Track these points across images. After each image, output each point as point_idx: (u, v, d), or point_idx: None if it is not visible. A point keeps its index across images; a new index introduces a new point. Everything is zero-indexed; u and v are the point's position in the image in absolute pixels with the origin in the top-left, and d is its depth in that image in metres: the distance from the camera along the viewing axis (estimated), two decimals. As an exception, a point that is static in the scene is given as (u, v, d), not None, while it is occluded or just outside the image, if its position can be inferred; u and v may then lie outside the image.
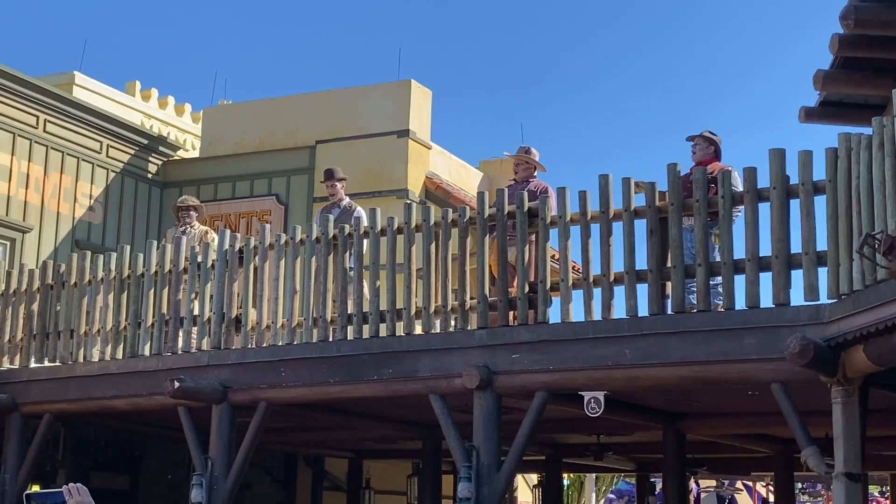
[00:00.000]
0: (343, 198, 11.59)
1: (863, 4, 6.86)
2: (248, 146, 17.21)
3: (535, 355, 8.73)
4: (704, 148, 9.86)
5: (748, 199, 8.13)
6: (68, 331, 11.39)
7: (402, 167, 15.86)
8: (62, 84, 17.01)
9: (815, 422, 8.27)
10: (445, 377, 9.07)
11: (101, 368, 11.01)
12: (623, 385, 8.69)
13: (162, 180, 17.33)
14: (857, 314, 7.13)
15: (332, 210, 11.31)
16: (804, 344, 7.21)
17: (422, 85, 16.55)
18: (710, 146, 9.85)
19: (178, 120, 19.99)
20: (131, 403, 10.98)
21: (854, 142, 7.38)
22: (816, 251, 7.77)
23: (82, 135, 16.13)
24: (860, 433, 7.51)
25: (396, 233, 9.63)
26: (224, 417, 10.16)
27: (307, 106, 16.97)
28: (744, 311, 8.03)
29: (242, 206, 16.71)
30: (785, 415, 7.87)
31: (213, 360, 10.30)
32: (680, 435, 11.62)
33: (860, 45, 7.40)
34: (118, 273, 11.03)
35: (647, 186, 8.50)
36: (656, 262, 8.41)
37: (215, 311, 10.36)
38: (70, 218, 15.88)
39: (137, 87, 19.42)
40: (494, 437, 8.80)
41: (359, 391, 9.66)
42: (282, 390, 9.96)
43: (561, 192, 8.95)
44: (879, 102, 8.03)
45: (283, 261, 10.10)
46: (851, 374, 7.47)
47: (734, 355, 7.95)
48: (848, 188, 7.42)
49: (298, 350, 9.89)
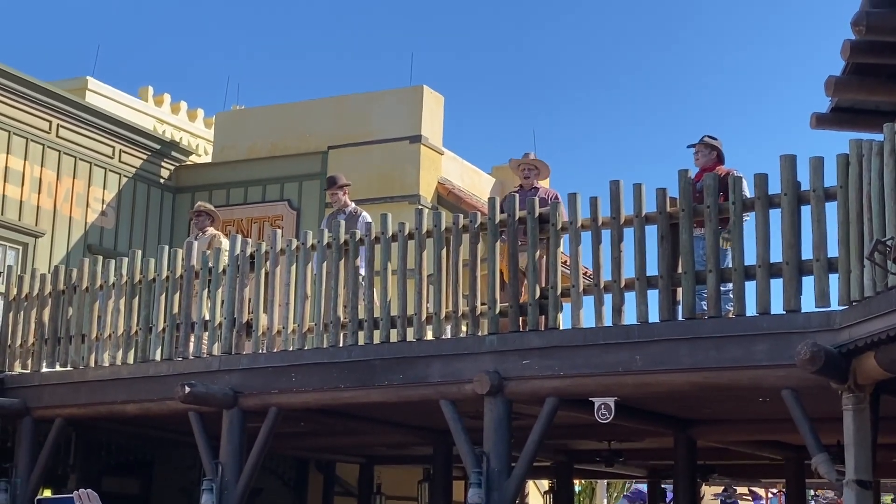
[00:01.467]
0: (348, 204, 11.58)
1: (875, 10, 6.83)
2: (261, 151, 17.24)
3: (545, 361, 8.72)
4: (707, 154, 9.84)
5: (759, 205, 8.12)
6: (80, 335, 11.43)
7: (414, 172, 15.87)
8: (75, 89, 17.09)
9: (825, 429, 8.23)
10: (456, 383, 9.07)
11: (113, 373, 11.05)
12: (633, 391, 8.68)
13: (174, 185, 17.38)
14: (869, 321, 7.11)
15: (339, 216, 11.31)
16: (815, 350, 7.18)
17: (434, 90, 16.57)
18: (712, 151, 9.84)
19: (191, 125, 20.05)
20: (142, 408, 11.00)
21: (865, 148, 7.37)
22: (827, 257, 7.75)
23: (95, 140, 16.19)
24: (871, 440, 7.49)
25: (408, 238, 9.65)
26: (235, 422, 10.17)
27: (319, 111, 17.01)
28: (755, 318, 8.01)
29: (254, 211, 16.75)
30: (796, 421, 7.85)
31: (224, 366, 10.32)
32: (691, 441, 11.60)
33: (872, 51, 7.37)
34: (129, 278, 11.06)
35: (659, 193, 8.50)
36: (667, 267, 8.40)
37: (226, 317, 10.38)
38: (82, 223, 15.93)
39: (150, 92, 19.48)
40: (505, 442, 8.80)
41: (369, 397, 9.66)
42: (293, 395, 9.97)
43: (572, 197, 8.94)
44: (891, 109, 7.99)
45: (294, 266, 10.11)
46: (862, 381, 7.44)
47: (745, 362, 7.94)
48: (859, 194, 7.40)
49: (309, 355, 9.90)
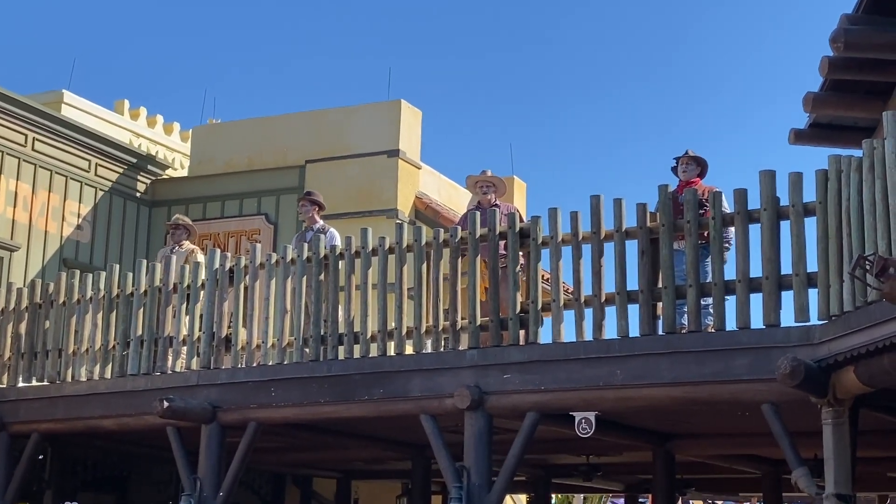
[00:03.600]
0: (316, 220, 11.50)
1: (853, 28, 6.91)
2: (238, 165, 17.20)
3: (526, 375, 8.73)
4: (692, 168, 9.88)
5: (739, 220, 8.16)
6: (56, 350, 11.35)
7: (391, 187, 15.86)
8: (51, 102, 17.00)
9: (805, 443, 8.27)
10: (437, 397, 9.06)
11: (90, 388, 10.97)
12: (614, 405, 8.69)
13: (150, 199, 17.30)
14: (848, 335, 7.15)
15: (307, 234, 11.26)
16: (795, 365, 7.22)
17: (412, 105, 16.59)
18: (697, 166, 9.88)
19: (167, 139, 19.99)
20: (120, 423, 10.93)
21: (844, 164, 7.42)
22: (807, 272, 7.79)
23: (71, 153, 16.10)
24: (851, 454, 7.52)
25: (388, 252, 9.64)
26: (213, 437, 10.12)
27: (297, 125, 16.98)
28: (735, 332, 8.04)
29: (231, 225, 16.69)
30: (775, 436, 7.88)
31: (202, 380, 10.26)
32: (669, 455, 11.61)
33: (850, 67, 7.46)
34: (107, 292, 11.00)
35: (639, 207, 8.53)
36: (647, 282, 8.42)
37: (205, 331, 10.33)
38: (58, 237, 15.82)
39: (126, 105, 19.42)
40: (485, 457, 8.79)
41: (349, 411, 9.64)
42: (272, 410, 9.93)
43: (552, 212, 8.97)
44: (869, 125, 8.09)
45: (273, 280, 10.08)
46: (842, 396, 7.48)
47: (725, 376, 7.96)
48: (838, 210, 7.45)
49: (289, 370, 9.86)
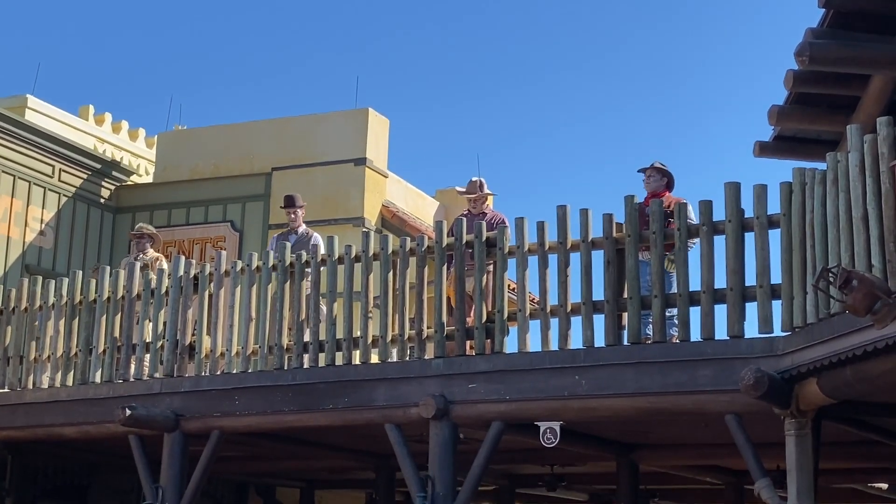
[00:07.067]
0: (300, 224, 11.56)
1: (818, 42, 6.96)
2: (203, 172, 17.08)
3: (491, 385, 8.72)
4: (658, 179, 9.92)
5: (704, 231, 8.20)
6: (18, 357, 11.22)
7: (358, 195, 15.82)
8: (14, 107, 16.81)
9: (768, 454, 8.31)
10: (402, 406, 9.04)
11: (51, 395, 10.85)
12: (578, 415, 8.70)
13: (115, 205, 17.15)
14: (811, 347, 7.21)
15: (289, 237, 11.25)
16: (758, 376, 7.26)
17: (379, 113, 16.56)
18: (663, 177, 9.91)
19: (132, 145, 19.81)
20: (81, 431, 10.82)
21: (808, 176, 7.48)
22: (771, 284, 7.85)
23: (34, 158, 15.93)
24: (813, 466, 7.57)
25: (354, 261, 9.61)
26: (176, 446, 10.04)
27: (263, 132, 16.89)
28: (699, 343, 8.08)
29: (196, 232, 16.57)
30: (739, 447, 7.92)
31: (165, 388, 10.19)
32: (634, 466, 11.63)
33: (815, 81, 7.51)
34: (70, 299, 10.89)
35: (605, 218, 8.56)
36: (613, 292, 8.45)
37: (168, 338, 10.25)
38: (20, 242, 15.65)
39: (91, 111, 19.23)
40: (450, 466, 8.77)
41: (314, 420, 9.59)
42: (236, 419, 9.87)
43: (519, 222, 8.97)
44: (833, 138, 8.14)
45: (238, 288, 10.03)
46: (805, 407, 7.53)
47: (689, 387, 8.00)
48: (802, 222, 7.51)
49: (253, 378, 9.81)
